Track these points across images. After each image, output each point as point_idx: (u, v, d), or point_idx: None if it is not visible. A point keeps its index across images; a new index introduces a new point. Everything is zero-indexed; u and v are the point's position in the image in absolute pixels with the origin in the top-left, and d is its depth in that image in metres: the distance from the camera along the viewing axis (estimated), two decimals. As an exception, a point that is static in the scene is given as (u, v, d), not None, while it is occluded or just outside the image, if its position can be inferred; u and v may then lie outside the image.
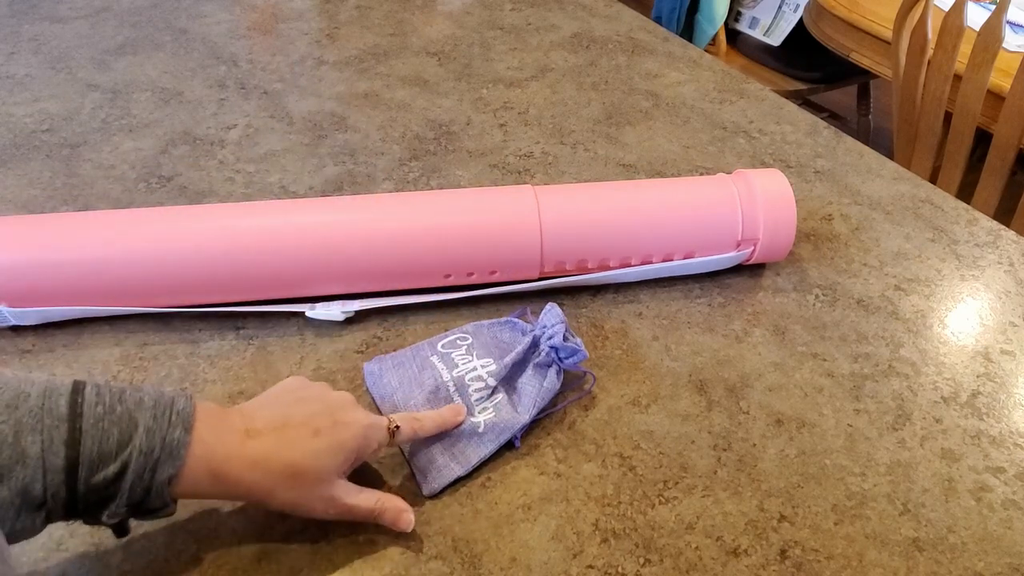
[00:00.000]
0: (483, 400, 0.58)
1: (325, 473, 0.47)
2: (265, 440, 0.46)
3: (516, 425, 0.56)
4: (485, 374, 0.59)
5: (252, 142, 0.87)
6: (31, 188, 0.79)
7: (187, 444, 0.43)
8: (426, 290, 0.67)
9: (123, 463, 0.41)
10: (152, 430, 0.42)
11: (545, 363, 0.59)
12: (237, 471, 0.45)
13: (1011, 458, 0.59)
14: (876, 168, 0.88)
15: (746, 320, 0.69)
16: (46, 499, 0.40)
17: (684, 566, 0.51)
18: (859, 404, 0.62)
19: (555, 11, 1.18)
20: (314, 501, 0.48)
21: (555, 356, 0.59)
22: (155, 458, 0.42)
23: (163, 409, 0.43)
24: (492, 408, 0.57)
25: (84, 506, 0.41)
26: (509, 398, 0.58)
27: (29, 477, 0.39)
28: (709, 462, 0.57)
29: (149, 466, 0.42)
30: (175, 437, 0.43)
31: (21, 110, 0.91)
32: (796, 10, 1.94)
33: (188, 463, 0.43)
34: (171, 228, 0.63)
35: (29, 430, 0.39)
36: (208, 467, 0.44)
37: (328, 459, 0.47)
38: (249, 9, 1.15)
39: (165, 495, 0.43)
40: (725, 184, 0.69)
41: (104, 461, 0.41)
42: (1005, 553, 0.52)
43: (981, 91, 1.26)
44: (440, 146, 0.88)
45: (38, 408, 0.40)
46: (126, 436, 0.41)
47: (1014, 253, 0.77)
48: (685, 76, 1.03)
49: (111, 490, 0.41)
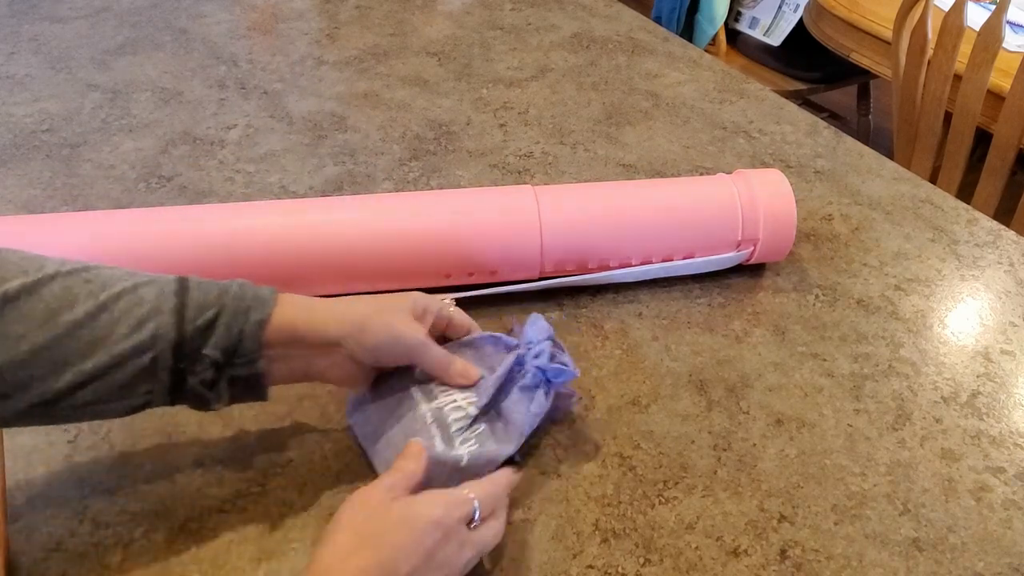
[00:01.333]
0: (463, 431, 0.53)
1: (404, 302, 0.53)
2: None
3: (502, 457, 0.53)
4: (466, 403, 0.54)
5: (252, 142, 0.87)
6: (31, 188, 0.79)
7: (274, 299, 0.48)
8: (426, 290, 0.67)
9: (220, 306, 0.47)
10: (244, 286, 0.49)
11: (532, 385, 0.55)
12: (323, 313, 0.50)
13: (1011, 458, 0.59)
14: (876, 168, 0.88)
15: (746, 320, 0.69)
16: (155, 343, 0.45)
17: (684, 566, 0.51)
18: (859, 404, 0.62)
19: (555, 11, 1.18)
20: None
21: (542, 377, 0.55)
22: (247, 305, 0.47)
23: (250, 284, 0.49)
24: (475, 440, 0.52)
25: (189, 350, 0.46)
26: (493, 426, 0.54)
27: (145, 315, 0.45)
28: (709, 462, 0.57)
29: (242, 310, 0.47)
30: (263, 293, 0.49)
31: (21, 110, 0.91)
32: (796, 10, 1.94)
33: (276, 312, 0.48)
34: (171, 228, 0.63)
35: (146, 284, 0.46)
36: (294, 316, 0.49)
37: None
38: (249, 9, 1.15)
39: (259, 337, 0.47)
40: (725, 184, 0.69)
41: (206, 307, 0.46)
42: (1005, 553, 0.52)
43: (981, 91, 1.26)
44: (440, 146, 0.88)
45: (151, 277, 0.47)
46: (223, 291, 0.48)
47: (1014, 253, 0.77)
48: (685, 76, 1.03)
49: (210, 333, 0.46)
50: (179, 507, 0.52)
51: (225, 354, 0.47)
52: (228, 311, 0.47)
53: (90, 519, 0.52)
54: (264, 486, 0.54)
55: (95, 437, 0.57)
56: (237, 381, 0.48)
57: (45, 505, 0.52)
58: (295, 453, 0.56)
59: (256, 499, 0.53)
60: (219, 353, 0.46)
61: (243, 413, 0.59)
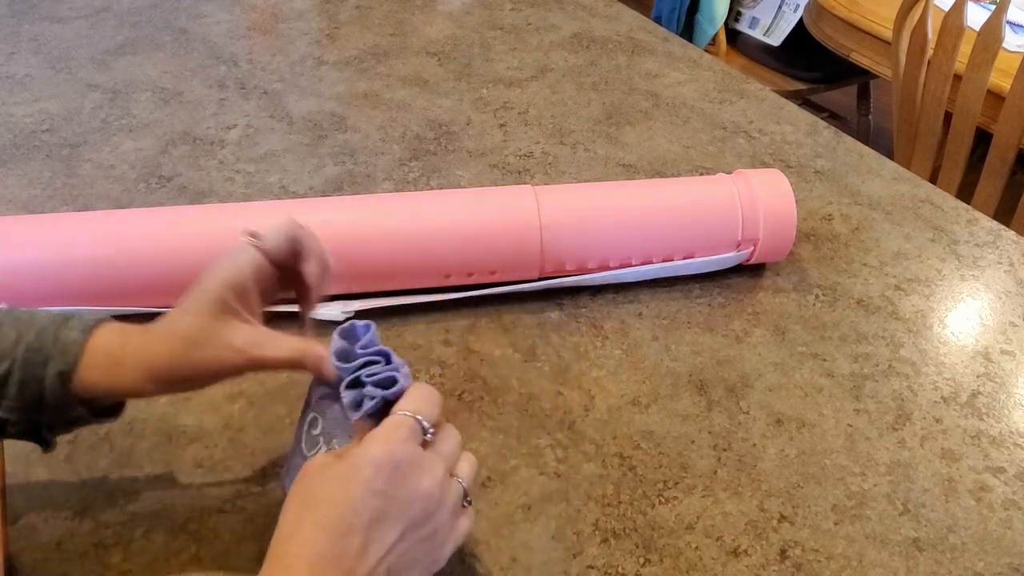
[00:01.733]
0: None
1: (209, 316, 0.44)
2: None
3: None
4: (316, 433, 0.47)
5: (252, 142, 0.87)
6: (31, 188, 0.79)
7: (82, 343, 0.42)
8: (426, 290, 0.67)
9: (12, 360, 0.41)
10: (46, 330, 0.42)
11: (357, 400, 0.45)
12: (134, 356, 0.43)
13: (1011, 458, 0.59)
14: (876, 168, 0.88)
15: (746, 320, 0.69)
16: None
17: (684, 566, 0.51)
18: (859, 404, 0.62)
19: (555, 11, 1.18)
20: (220, 351, 0.43)
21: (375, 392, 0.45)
22: (46, 354, 0.41)
23: (66, 317, 0.43)
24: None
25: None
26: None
27: None
28: (709, 462, 0.57)
29: (39, 361, 0.41)
30: (71, 337, 0.42)
31: (21, 110, 0.91)
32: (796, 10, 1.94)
33: (85, 360, 0.42)
34: (171, 228, 0.63)
35: None
36: (97, 378, 0.42)
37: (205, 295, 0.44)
38: (249, 9, 1.15)
39: (63, 392, 0.42)
40: (725, 184, 0.69)
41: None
42: (1005, 553, 0.52)
43: (981, 91, 1.26)
44: (440, 146, 0.88)
45: None
46: (21, 336, 0.42)
47: (1014, 253, 0.77)
48: (685, 76, 1.03)
49: (2, 387, 0.41)
50: (179, 507, 0.52)
51: (26, 411, 0.42)
52: (22, 365, 0.41)
53: (90, 519, 0.52)
54: (264, 486, 0.54)
55: (95, 437, 0.57)
56: (61, 425, 0.44)
57: (45, 505, 0.52)
58: (295, 453, 0.56)
59: (256, 499, 0.53)
60: (16, 415, 0.42)
61: (243, 413, 0.59)
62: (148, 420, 0.57)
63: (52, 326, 0.43)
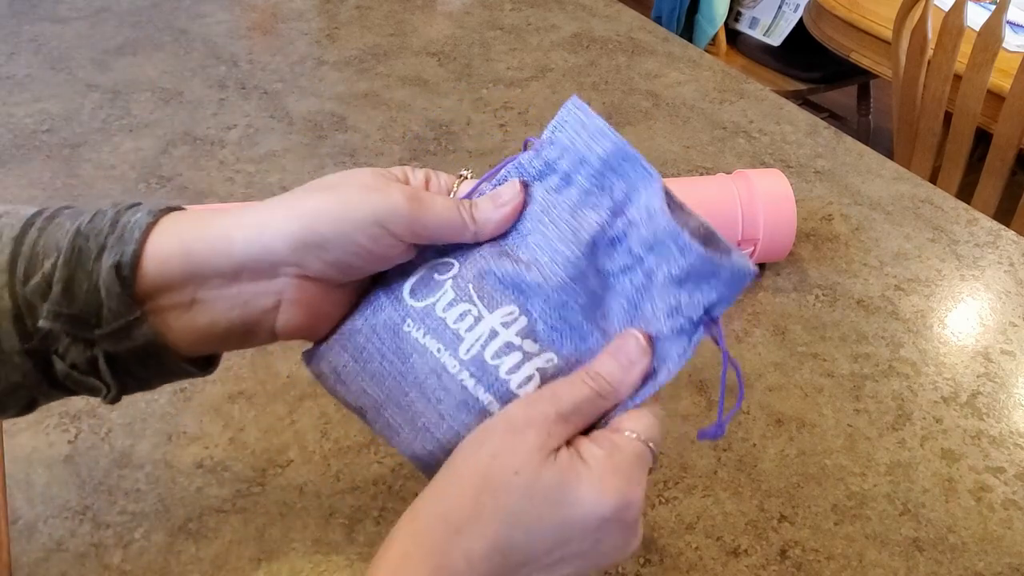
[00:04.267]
0: (527, 382, 0.34)
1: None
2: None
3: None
4: (514, 335, 0.34)
5: (252, 142, 0.87)
6: (31, 188, 0.79)
7: (145, 226, 0.32)
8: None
9: (59, 251, 0.32)
10: (103, 214, 0.33)
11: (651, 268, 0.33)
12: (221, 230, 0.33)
13: (1011, 458, 0.59)
14: (876, 168, 0.88)
15: (746, 320, 0.69)
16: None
17: (684, 566, 0.51)
18: (859, 404, 0.62)
19: (555, 11, 1.18)
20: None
21: (682, 251, 0.33)
22: (100, 243, 0.32)
23: (131, 203, 0.34)
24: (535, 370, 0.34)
25: (32, 323, 0.31)
26: (579, 358, 0.34)
27: None
28: (709, 462, 0.57)
29: (89, 253, 0.31)
30: (133, 220, 0.32)
31: (21, 110, 0.91)
32: (796, 10, 1.94)
33: (153, 243, 0.32)
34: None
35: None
36: (183, 243, 0.32)
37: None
38: (249, 9, 1.15)
39: (124, 290, 0.31)
40: (725, 184, 0.69)
41: (45, 254, 0.32)
42: (1005, 553, 0.52)
43: (981, 91, 1.26)
44: (440, 146, 0.88)
45: (12, 211, 0.33)
46: (74, 224, 0.32)
47: (1014, 253, 0.77)
48: (685, 76, 1.03)
49: (46, 293, 0.31)
50: (179, 507, 0.52)
51: (75, 322, 0.31)
52: (67, 257, 0.31)
53: (90, 519, 0.52)
54: (264, 486, 0.54)
55: (95, 437, 0.57)
56: (119, 359, 0.33)
57: (45, 505, 0.52)
58: (295, 453, 0.56)
59: (256, 499, 0.53)
60: (61, 323, 0.31)
61: (243, 413, 0.59)
62: (148, 420, 0.57)
63: (112, 209, 0.33)
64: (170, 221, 0.33)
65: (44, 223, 0.33)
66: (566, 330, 0.34)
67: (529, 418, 0.31)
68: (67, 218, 0.33)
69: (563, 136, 0.36)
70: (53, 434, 0.57)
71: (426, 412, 0.35)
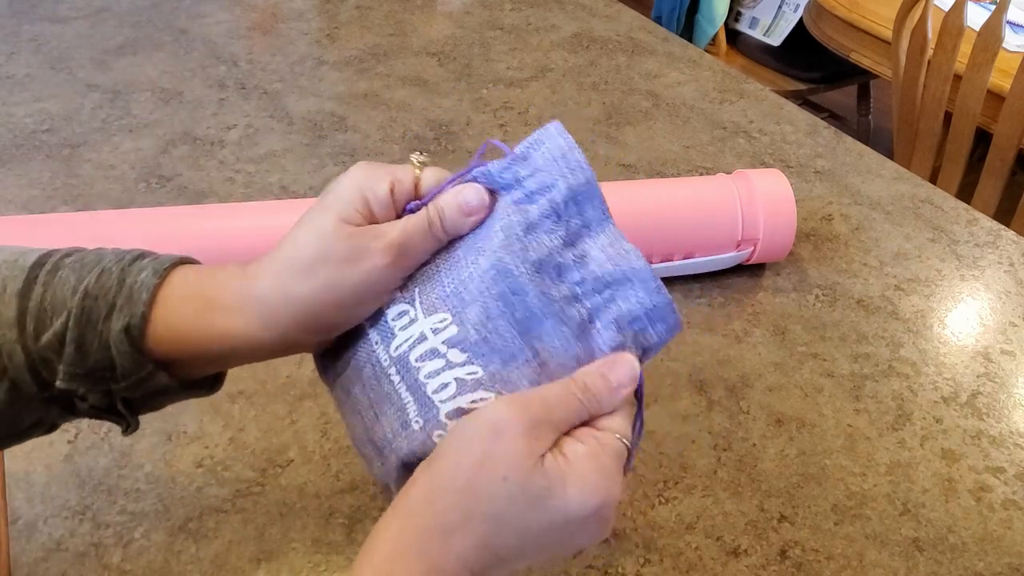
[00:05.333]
0: (451, 398, 0.34)
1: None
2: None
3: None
4: (440, 343, 0.34)
5: (252, 142, 0.87)
6: (31, 188, 0.79)
7: (152, 287, 0.33)
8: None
9: (67, 313, 0.33)
10: (108, 270, 0.34)
11: (577, 295, 0.34)
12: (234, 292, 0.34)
13: (1011, 458, 0.59)
14: (876, 168, 0.88)
15: (746, 320, 0.69)
16: (4, 364, 0.33)
17: (684, 566, 0.51)
18: (859, 404, 0.62)
19: (555, 11, 1.18)
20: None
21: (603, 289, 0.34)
22: (110, 301, 0.33)
23: (136, 256, 0.35)
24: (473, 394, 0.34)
25: (48, 375, 0.33)
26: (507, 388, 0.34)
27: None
28: (709, 462, 0.57)
29: (98, 314, 0.33)
30: (139, 280, 0.34)
31: (21, 110, 0.91)
32: (796, 10, 1.94)
33: (160, 307, 0.33)
34: (171, 228, 0.63)
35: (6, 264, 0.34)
36: (196, 299, 0.34)
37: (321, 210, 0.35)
38: (249, 9, 1.15)
39: (133, 353, 0.33)
40: (725, 184, 0.69)
41: (53, 311, 0.33)
42: (1005, 553, 0.52)
43: (981, 91, 1.26)
44: (440, 146, 0.88)
45: (11, 261, 0.34)
46: (79, 282, 0.33)
47: (1014, 253, 0.77)
48: (685, 76, 1.03)
49: (60, 352, 0.33)
50: (179, 507, 0.52)
51: (91, 378, 0.33)
52: (77, 319, 0.33)
53: (90, 519, 0.52)
54: (264, 486, 0.54)
55: (95, 437, 0.57)
56: (135, 400, 0.36)
57: (45, 505, 0.52)
58: (295, 453, 0.56)
59: (256, 499, 0.53)
60: (78, 382, 0.33)
61: (243, 413, 0.59)
62: (148, 420, 0.57)
63: (117, 266, 0.34)
64: (177, 280, 0.35)
65: (47, 277, 0.34)
66: (497, 344, 0.34)
67: (519, 423, 0.32)
68: (71, 271, 0.34)
69: (538, 156, 0.36)
70: (53, 434, 0.57)
71: (362, 402, 0.37)
